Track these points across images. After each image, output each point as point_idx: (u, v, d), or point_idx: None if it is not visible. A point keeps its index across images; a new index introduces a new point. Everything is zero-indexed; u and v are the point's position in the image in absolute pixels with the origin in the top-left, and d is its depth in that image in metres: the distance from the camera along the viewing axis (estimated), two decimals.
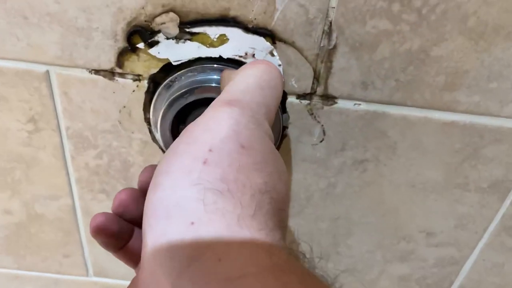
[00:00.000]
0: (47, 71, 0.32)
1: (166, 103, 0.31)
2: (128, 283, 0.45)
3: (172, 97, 0.31)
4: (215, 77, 0.30)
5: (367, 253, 0.41)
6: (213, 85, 0.30)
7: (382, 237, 0.40)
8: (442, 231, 0.39)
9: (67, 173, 0.38)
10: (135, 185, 0.37)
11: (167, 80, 0.31)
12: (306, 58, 0.30)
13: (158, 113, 0.32)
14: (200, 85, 0.30)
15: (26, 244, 0.44)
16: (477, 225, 0.39)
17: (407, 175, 0.36)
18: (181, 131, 0.32)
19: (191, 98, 0.30)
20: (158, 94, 0.32)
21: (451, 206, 0.37)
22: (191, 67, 0.31)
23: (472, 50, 0.29)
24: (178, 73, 0.31)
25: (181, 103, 0.30)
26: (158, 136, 0.33)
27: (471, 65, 0.30)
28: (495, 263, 0.41)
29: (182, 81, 0.31)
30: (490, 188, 0.36)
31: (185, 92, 0.30)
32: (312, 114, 0.33)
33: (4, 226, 0.42)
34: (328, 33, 0.29)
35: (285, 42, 0.29)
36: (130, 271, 0.42)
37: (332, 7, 0.28)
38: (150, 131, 0.35)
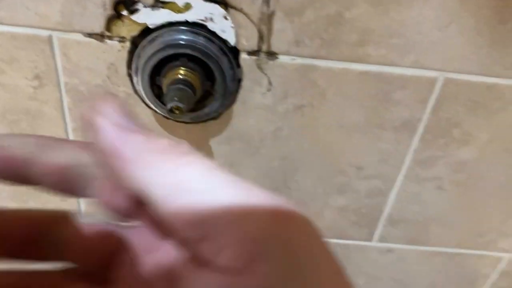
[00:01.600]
0: (50, 35, 0.41)
1: (145, 59, 0.40)
2: None
3: (149, 54, 0.40)
4: (182, 37, 0.39)
5: (311, 187, 0.51)
6: (182, 43, 0.39)
7: (322, 173, 0.50)
8: (369, 165, 0.49)
9: (65, 124, 0.46)
10: None
11: (144, 41, 0.40)
12: (252, 21, 0.39)
13: (138, 67, 0.41)
14: (170, 43, 0.39)
15: (28, 191, 0.52)
16: (395, 159, 0.49)
17: (336, 117, 0.45)
18: (157, 82, 0.41)
19: (164, 54, 0.40)
20: (138, 52, 0.41)
21: (373, 143, 0.47)
22: (163, 30, 0.40)
23: (374, 13, 0.39)
24: (153, 34, 0.40)
25: (158, 57, 0.40)
26: (139, 87, 0.42)
27: (375, 25, 0.40)
28: (413, 193, 0.52)
29: (157, 41, 0.40)
30: (402, 126, 0.46)
31: (159, 50, 0.40)
32: (260, 67, 0.42)
33: None
34: (267, 1, 0.38)
35: (235, 8, 0.39)
36: None
37: None
38: (133, 85, 0.44)
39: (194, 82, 0.40)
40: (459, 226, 0.55)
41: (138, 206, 0.18)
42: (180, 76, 0.40)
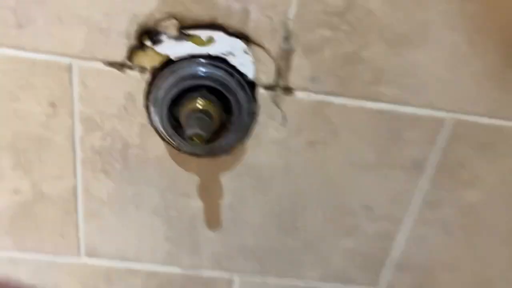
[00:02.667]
0: (71, 63, 0.41)
1: (165, 89, 0.41)
2: (118, 263, 0.54)
3: (170, 83, 0.40)
4: (203, 69, 0.40)
5: (319, 228, 0.51)
6: (202, 74, 0.40)
7: (331, 212, 0.50)
8: (378, 205, 0.49)
9: (74, 154, 0.46)
10: (130, 164, 0.46)
11: (165, 72, 0.41)
12: (271, 57, 0.41)
13: (157, 98, 0.41)
14: (191, 74, 0.40)
15: (27, 224, 0.50)
16: (404, 200, 0.49)
17: (347, 155, 0.46)
18: (174, 113, 0.42)
19: (184, 84, 0.40)
20: (158, 83, 0.41)
21: (383, 183, 0.48)
22: (184, 62, 0.41)
23: (390, 53, 0.41)
24: (175, 66, 0.41)
25: (178, 87, 0.40)
26: (155, 118, 0.43)
27: (389, 65, 0.41)
28: (420, 236, 0.51)
29: (177, 72, 0.41)
30: (411, 166, 0.47)
31: (180, 80, 0.40)
32: (276, 102, 0.43)
33: (10, 207, 0.49)
34: (287, 38, 0.40)
35: (256, 44, 0.40)
36: (118, 252, 0.51)
37: (290, 19, 0.39)
38: (149, 116, 0.44)
39: (212, 113, 0.41)
40: (466, 272, 0.54)
41: None
42: (200, 106, 0.40)
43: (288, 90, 0.42)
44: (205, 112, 0.40)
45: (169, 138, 0.43)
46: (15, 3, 0.38)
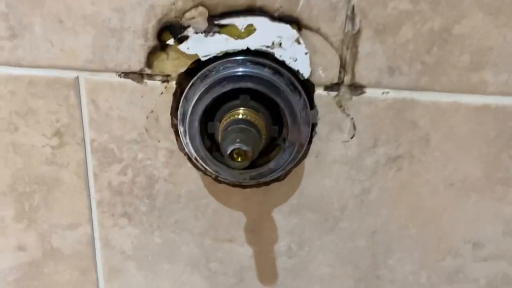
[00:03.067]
0: (77, 77, 0.33)
1: (195, 99, 0.31)
2: None
3: (201, 91, 0.31)
4: (242, 69, 0.31)
5: (410, 275, 0.38)
6: (241, 75, 0.30)
7: (425, 253, 0.37)
8: (490, 239, 0.36)
9: (88, 195, 0.36)
10: (158, 204, 0.36)
11: (194, 78, 0.32)
12: (331, 44, 0.31)
13: (186, 112, 0.32)
14: (227, 76, 0.31)
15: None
16: None
17: (444, 171, 0.34)
18: (210, 128, 0.32)
19: (219, 90, 0.31)
20: (186, 94, 0.32)
21: (495, 207, 0.35)
22: (218, 62, 0.31)
23: (493, 25, 0.30)
24: (206, 69, 0.31)
25: (211, 95, 0.31)
26: (186, 140, 0.33)
27: (494, 42, 0.30)
28: None
29: (210, 77, 0.31)
30: None
31: (213, 85, 0.31)
32: (341, 106, 0.32)
33: (15, 268, 0.39)
34: (352, 17, 0.30)
35: (310, 29, 0.30)
36: None
37: None
38: (177, 138, 0.34)
39: (258, 124, 0.30)
40: None
41: None
42: (241, 116, 0.30)
43: (356, 88, 0.32)
44: (248, 122, 0.30)
45: (204, 165, 0.33)
46: (6, 8, 0.31)
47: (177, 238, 0.38)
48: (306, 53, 0.31)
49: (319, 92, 0.32)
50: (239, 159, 0.28)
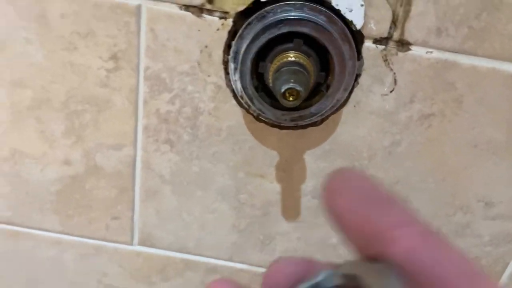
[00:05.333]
0: (139, 5, 0.34)
1: (249, 38, 0.33)
2: (175, 254, 0.45)
3: (257, 31, 0.33)
4: (299, 13, 0.32)
5: None
6: (298, 18, 0.32)
7: (439, 206, 0.40)
8: (502, 201, 0.39)
9: (136, 120, 0.39)
10: (200, 135, 0.38)
11: (251, 18, 0.33)
12: (387, 0, 0.32)
13: (239, 51, 0.34)
14: (284, 19, 0.32)
15: (76, 202, 0.43)
16: None
17: (470, 133, 0.37)
18: (260, 68, 0.34)
19: (275, 32, 0.32)
20: (242, 32, 0.34)
21: (511, 172, 0.38)
22: (276, 4, 0.33)
23: None
24: (264, 10, 0.33)
25: (267, 36, 0.32)
26: (235, 78, 0.35)
27: None
28: None
29: (267, 17, 0.33)
30: None
31: (269, 26, 0.32)
32: (386, 60, 0.34)
33: (58, 179, 0.42)
34: None
35: None
36: (176, 241, 0.42)
37: None
38: (227, 75, 0.36)
39: (308, 68, 0.32)
40: None
41: None
42: (294, 59, 0.32)
43: (403, 44, 0.34)
44: (301, 65, 0.32)
45: (249, 102, 0.35)
46: None
47: (213, 169, 0.40)
48: (362, 5, 0.32)
49: (368, 44, 0.34)
50: (291, 98, 0.30)
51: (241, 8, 0.33)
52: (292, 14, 0.32)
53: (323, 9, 0.33)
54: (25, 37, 0.36)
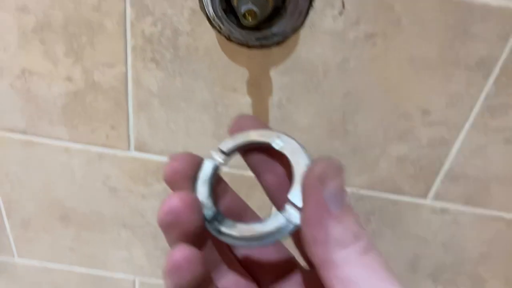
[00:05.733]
0: None
1: None
2: (164, 158, 0.55)
3: None
4: None
5: (370, 131, 0.49)
6: None
7: (384, 114, 0.47)
8: (436, 109, 0.47)
9: (125, 41, 0.45)
10: (180, 54, 0.45)
11: None
12: None
13: None
14: None
15: (80, 114, 0.51)
16: (465, 104, 0.46)
17: (408, 50, 0.43)
18: None
19: None
20: None
21: (444, 84, 0.45)
22: None
23: None
24: None
25: None
26: (207, 1, 0.41)
27: None
28: (478, 145, 0.49)
29: None
30: (477, 66, 0.43)
31: None
32: None
33: (63, 94, 0.50)
34: None
35: None
36: (166, 147, 0.50)
37: None
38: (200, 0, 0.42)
39: None
40: None
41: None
42: None
43: None
44: None
45: (220, 24, 0.42)
46: None
47: (193, 84, 0.48)
48: None
49: None
50: (250, 18, 0.37)
51: None
52: None
53: None
54: None
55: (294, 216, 0.20)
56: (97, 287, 0.70)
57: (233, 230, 0.22)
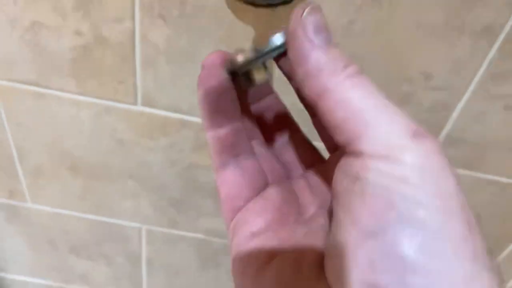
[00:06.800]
0: None
1: None
2: (172, 114, 0.55)
3: None
4: None
5: None
6: None
7: (389, 78, 0.48)
8: (439, 74, 0.47)
9: None
10: (187, 11, 0.45)
11: None
12: None
13: None
14: None
15: (88, 68, 0.52)
16: (468, 71, 0.46)
17: (415, 14, 0.43)
18: None
19: None
20: None
21: (448, 49, 0.45)
22: None
23: None
24: None
25: None
26: None
27: None
28: (479, 111, 0.50)
29: None
30: (482, 32, 0.43)
31: None
32: None
33: (73, 48, 0.51)
34: None
35: None
36: (172, 103, 0.52)
37: None
38: None
39: None
40: None
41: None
42: None
43: None
44: None
45: None
46: None
47: (199, 42, 0.48)
48: None
49: None
50: None
51: None
52: None
53: None
54: None
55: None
56: (106, 233, 0.74)
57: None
